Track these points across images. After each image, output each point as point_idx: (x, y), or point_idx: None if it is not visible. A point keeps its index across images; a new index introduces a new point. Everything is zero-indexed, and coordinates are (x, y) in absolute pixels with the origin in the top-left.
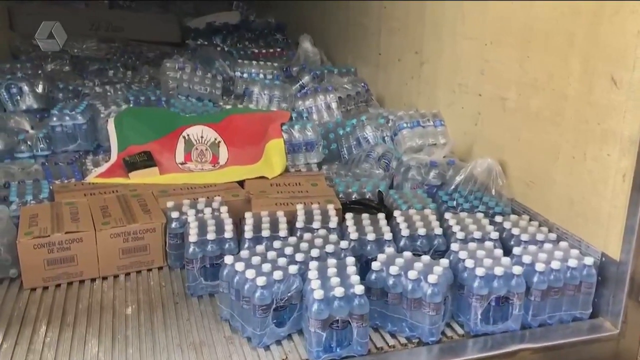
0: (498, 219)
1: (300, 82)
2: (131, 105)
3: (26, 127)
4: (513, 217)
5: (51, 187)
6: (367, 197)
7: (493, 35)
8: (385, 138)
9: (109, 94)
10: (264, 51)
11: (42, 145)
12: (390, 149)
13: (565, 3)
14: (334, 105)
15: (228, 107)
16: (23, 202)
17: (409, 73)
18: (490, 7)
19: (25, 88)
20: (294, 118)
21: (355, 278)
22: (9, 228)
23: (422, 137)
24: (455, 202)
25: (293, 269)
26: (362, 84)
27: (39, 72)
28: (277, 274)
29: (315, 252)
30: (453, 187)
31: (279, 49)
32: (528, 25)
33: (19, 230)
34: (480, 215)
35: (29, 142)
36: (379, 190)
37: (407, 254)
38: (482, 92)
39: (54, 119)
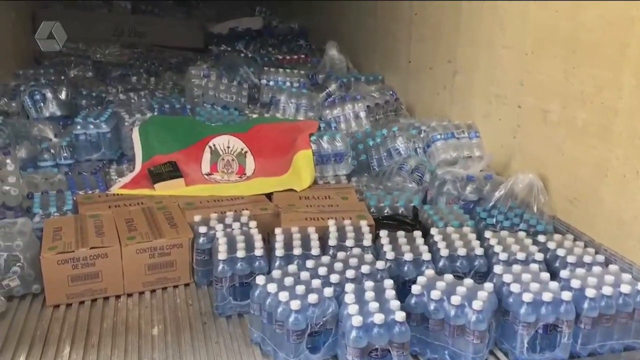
0: (541, 238)
1: (327, 90)
2: (156, 114)
3: (49, 135)
4: (557, 236)
5: (75, 198)
6: (400, 212)
7: (534, 44)
8: (418, 150)
9: (132, 101)
10: (287, 57)
11: (65, 154)
12: (424, 161)
13: (616, 12)
14: (362, 114)
15: (254, 116)
16: (46, 214)
17: (441, 82)
18: (531, 16)
19: (49, 95)
20: (322, 128)
21: (395, 303)
22: (32, 242)
23: (456, 150)
24: (494, 220)
25: (328, 291)
26: (391, 92)
27: (62, 77)
28: (312, 297)
29: (350, 274)
30: (492, 203)
31: (303, 55)
32: (573, 35)
33: (43, 244)
34: (522, 234)
35: (52, 151)
36: (414, 206)
37: (449, 277)
38: (522, 103)
39: (78, 127)
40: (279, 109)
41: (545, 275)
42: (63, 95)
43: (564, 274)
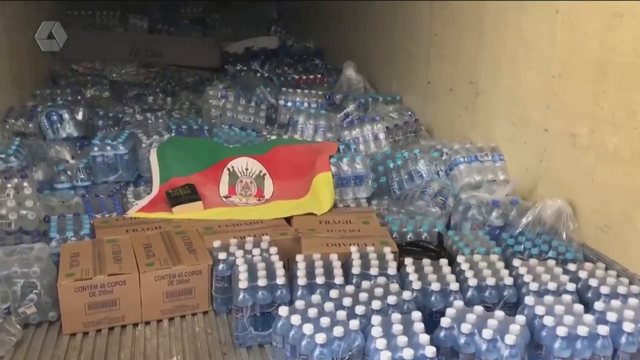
0: (571, 266)
1: (345, 111)
2: (173, 135)
3: (66, 156)
4: (588, 265)
5: (92, 222)
6: (424, 237)
7: (562, 67)
8: (440, 173)
9: (149, 121)
10: (304, 77)
11: (82, 176)
12: (447, 185)
13: None
14: (381, 135)
15: (273, 137)
16: (63, 238)
17: (463, 103)
18: (558, 38)
19: (66, 115)
20: (341, 150)
21: (424, 337)
22: (49, 268)
23: (480, 173)
24: (522, 247)
25: (354, 324)
26: (409, 113)
27: (79, 97)
28: (338, 330)
29: (376, 305)
30: (519, 229)
31: (319, 75)
32: (604, 57)
33: (60, 271)
34: (552, 262)
35: (69, 172)
36: (439, 232)
37: (479, 308)
38: (549, 127)
39: (95, 149)
40: (297, 130)
41: (579, 308)
42: (80, 116)
43: (598, 306)
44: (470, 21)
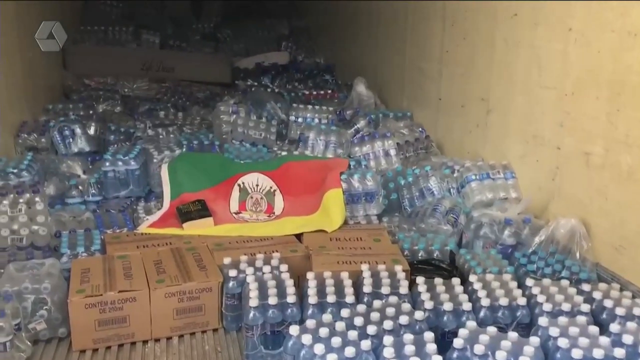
0: (585, 287)
1: (356, 127)
2: (184, 150)
3: (78, 171)
4: (602, 285)
5: (103, 237)
6: (435, 255)
7: (575, 85)
8: (451, 190)
9: (161, 137)
10: (314, 93)
11: (93, 191)
12: (459, 202)
13: None
14: (392, 152)
15: (283, 153)
16: (74, 254)
17: (474, 120)
18: (571, 56)
19: (78, 130)
20: (352, 166)
21: (436, 359)
22: (60, 284)
23: (492, 191)
24: (535, 266)
25: (366, 344)
26: (420, 129)
27: (91, 112)
28: (349, 351)
29: (388, 325)
30: (532, 248)
31: (329, 91)
32: (618, 77)
33: (70, 287)
34: (565, 282)
35: (80, 187)
36: (451, 251)
37: (492, 329)
38: (561, 145)
39: (107, 164)
40: (307, 146)
41: (594, 329)
42: (92, 131)
43: (614, 328)
44: (482, 38)
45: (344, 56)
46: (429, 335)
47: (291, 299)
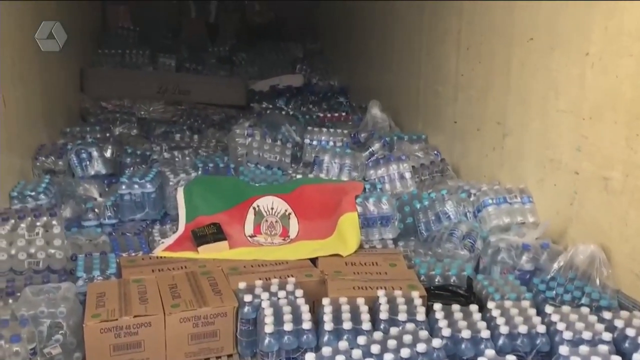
0: (606, 314)
1: (370, 149)
2: (200, 173)
3: (94, 194)
4: (624, 313)
5: (118, 261)
6: (452, 281)
7: (592, 110)
8: (468, 214)
9: (177, 159)
10: (329, 115)
11: (109, 214)
12: (475, 227)
13: None
14: (407, 175)
15: (298, 176)
16: (90, 277)
17: (490, 144)
18: (588, 80)
19: (95, 153)
20: (366, 189)
21: None
22: (76, 308)
23: (509, 215)
24: (554, 292)
25: None
26: (435, 152)
27: (108, 135)
28: None
29: (405, 353)
30: (551, 275)
31: (344, 113)
32: (636, 101)
33: (86, 311)
34: (585, 310)
35: (96, 210)
36: (468, 277)
37: (511, 358)
38: (579, 169)
39: (123, 187)
40: (322, 169)
41: (617, 359)
42: (108, 154)
43: (637, 357)
44: (498, 62)
45: (358, 78)
46: None
47: (307, 325)
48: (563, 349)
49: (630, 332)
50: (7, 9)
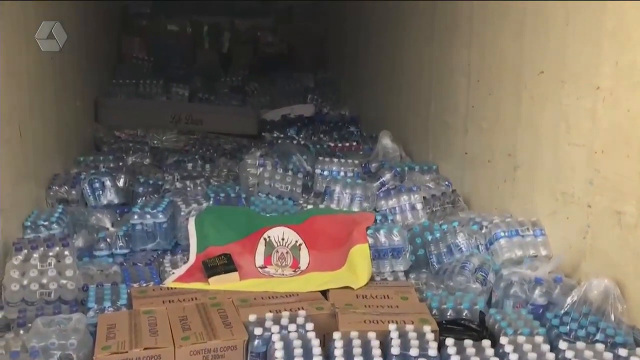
0: (621, 351)
1: (381, 180)
2: (211, 203)
3: (107, 224)
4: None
5: (129, 292)
6: (464, 314)
7: (605, 143)
8: (479, 247)
9: (188, 189)
10: (340, 145)
11: (121, 244)
12: (487, 260)
13: None
14: (419, 206)
15: (309, 206)
16: (101, 308)
17: (501, 176)
18: (600, 114)
19: (108, 183)
20: (378, 220)
21: None
22: (86, 340)
23: (521, 248)
24: (567, 328)
25: None
26: (447, 183)
27: (120, 164)
28: None
29: None
30: (564, 310)
31: (354, 143)
32: None
33: (97, 343)
34: (600, 346)
35: (108, 240)
36: (481, 311)
37: None
38: (592, 203)
39: (135, 217)
40: (333, 199)
41: None
42: (121, 183)
43: None
44: (508, 94)
45: (368, 108)
46: None
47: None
48: None
49: None
50: (25, 41)
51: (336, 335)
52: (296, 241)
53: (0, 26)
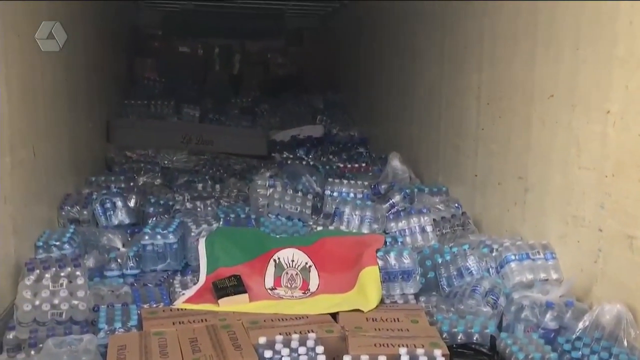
0: None
1: (391, 201)
2: (221, 224)
3: (118, 244)
4: None
5: (139, 312)
6: (475, 338)
7: (615, 167)
8: (490, 270)
9: (199, 209)
10: (349, 165)
11: (131, 264)
12: (498, 283)
13: None
14: (429, 228)
15: (319, 228)
16: (111, 329)
17: (512, 198)
18: (610, 138)
19: (119, 203)
20: (387, 242)
21: None
22: None
23: (532, 272)
24: (579, 353)
25: None
26: (456, 205)
27: (132, 184)
28: None
29: None
30: (576, 334)
31: (363, 164)
32: None
33: None
34: None
35: (119, 260)
36: (492, 335)
37: None
38: (603, 227)
39: (146, 237)
40: (343, 220)
41: None
42: (132, 203)
43: None
44: (518, 118)
45: (378, 129)
46: None
47: None
48: None
49: None
50: (40, 63)
51: (346, 358)
52: (306, 263)
53: (17, 49)
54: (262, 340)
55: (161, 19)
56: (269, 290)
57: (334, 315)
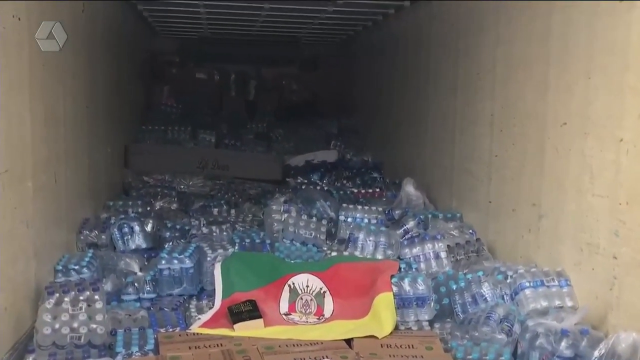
0: None
1: (405, 227)
2: (237, 249)
3: (135, 268)
4: None
5: (156, 337)
6: None
7: (629, 195)
8: (505, 297)
9: (214, 234)
10: (363, 191)
11: (148, 288)
12: (513, 310)
13: None
14: (443, 254)
15: (333, 253)
16: (129, 353)
17: (526, 225)
18: (624, 166)
19: (137, 227)
20: (402, 268)
21: None
22: None
23: (547, 299)
24: None
25: None
26: (470, 231)
27: (148, 209)
28: None
29: None
30: None
31: (377, 189)
32: None
33: None
34: None
35: (136, 284)
36: None
37: None
38: (618, 254)
39: (163, 262)
40: (357, 246)
41: None
42: (149, 228)
43: None
44: (532, 145)
45: (391, 155)
46: None
47: None
48: None
49: None
50: (62, 91)
51: None
52: (320, 288)
53: (41, 78)
54: None
55: (178, 45)
56: (283, 316)
57: (349, 342)
